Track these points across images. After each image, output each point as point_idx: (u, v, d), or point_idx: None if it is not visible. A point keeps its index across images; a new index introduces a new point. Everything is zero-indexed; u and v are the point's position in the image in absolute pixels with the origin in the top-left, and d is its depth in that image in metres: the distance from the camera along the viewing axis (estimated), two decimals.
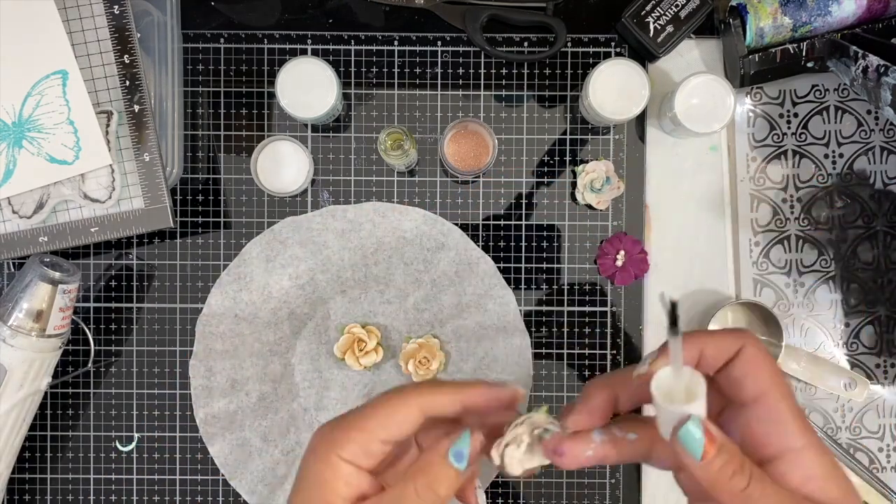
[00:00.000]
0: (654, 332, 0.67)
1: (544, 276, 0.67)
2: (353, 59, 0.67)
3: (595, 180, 0.65)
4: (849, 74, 0.59)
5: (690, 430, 0.34)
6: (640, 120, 0.67)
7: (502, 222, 0.67)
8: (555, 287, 0.67)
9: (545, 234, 0.67)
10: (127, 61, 0.61)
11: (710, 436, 0.34)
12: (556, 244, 0.67)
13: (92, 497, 0.67)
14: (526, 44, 0.66)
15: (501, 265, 0.66)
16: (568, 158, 0.67)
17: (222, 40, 0.66)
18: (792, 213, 0.67)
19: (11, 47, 0.59)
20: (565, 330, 0.67)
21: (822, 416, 0.67)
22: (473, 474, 0.38)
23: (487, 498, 0.66)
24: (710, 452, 0.34)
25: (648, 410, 0.38)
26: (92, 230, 0.61)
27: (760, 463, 0.35)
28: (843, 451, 0.65)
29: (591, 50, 0.67)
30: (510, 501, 0.67)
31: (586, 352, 0.67)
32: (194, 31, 0.66)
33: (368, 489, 0.37)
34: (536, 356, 0.67)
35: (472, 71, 0.66)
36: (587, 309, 0.67)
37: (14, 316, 0.59)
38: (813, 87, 0.67)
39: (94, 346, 0.66)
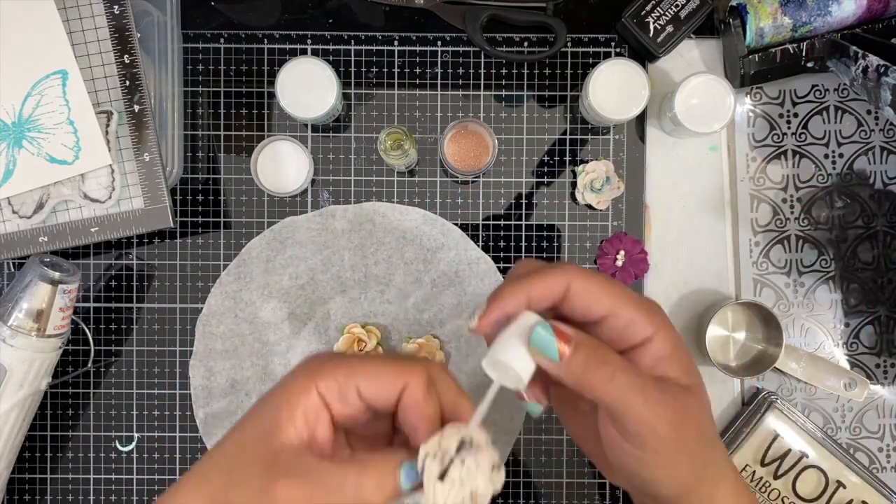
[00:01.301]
0: None
1: None
2: (353, 59, 0.67)
3: (595, 180, 0.65)
4: (849, 74, 0.59)
5: (540, 333, 0.36)
6: (640, 120, 0.67)
7: (502, 222, 0.67)
8: None
9: (545, 234, 0.67)
10: (127, 61, 0.61)
11: (563, 335, 0.36)
12: (556, 244, 0.67)
13: (92, 497, 0.67)
14: (526, 44, 0.66)
15: (501, 265, 0.66)
16: (568, 158, 0.67)
17: (222, 40, 0.66)
18: (792, 213, 0.67)
19: (11, 47, 0.59)
20: None
21: (822, 416, 0.67)
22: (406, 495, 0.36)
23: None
24: (565, 351, 0.36)
25: None
26: (92, 230, 0.61)
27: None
28: (842, 451, 0.65)
29: (591, 50, 0.67)
30: (510, 501, 0.67)
31: None
32: (194, 31, 0.66)
33: (320, 436, 0.35)
34: None
35: (472, 71, 0.66)
36: None
37: (14, 316, 0.59)
38: (813, 87, 0.67)
39: (94, 346, 0.66)
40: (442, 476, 0.33)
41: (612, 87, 0.62)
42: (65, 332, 0.62)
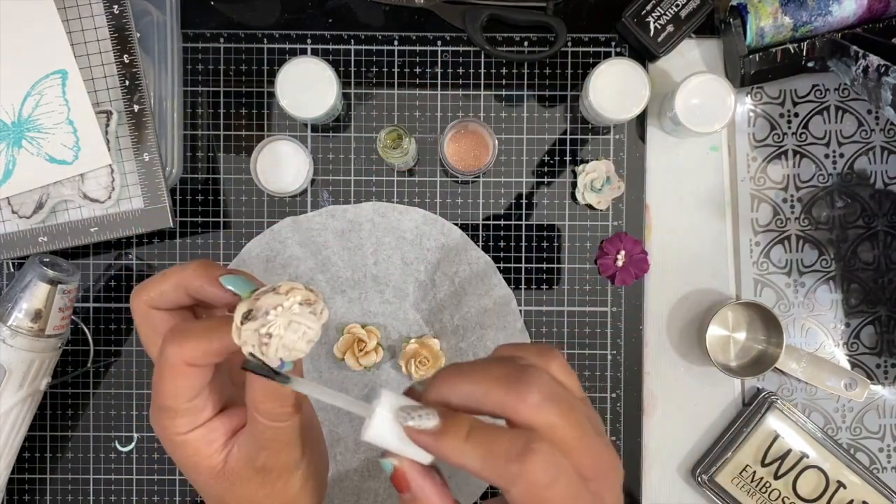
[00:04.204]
0: (654, 332, 0.67)
1: (544, 276, 0.67)
2: (353, 58, 0.66)
3: (595, 180, 0.65)
4: (849, 74, 0.59)
5: (385, 465, 0.33)
6: (641, 120, 0.67)
7: (502, 222, 0.67)
8: (555, 287, 0.67)
9: (545, 234, 0.67)
10: (126, 61, 0.61)
11: (400, 480, 0.33)
12: (556, 244, 0.67)
13: (92, 497, 0.67)
14: (526, 43, 0.66)
15: (501, 265, 0.66)
16: (568, 158, 0.67)
17: (222, 40, 0.66)
18: (792, 212, 0.67)
19: (11, 47, 0.59)
20: (565, 330, 0.67)
21: (822, 416, 0.67)
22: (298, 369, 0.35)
23: (486, 499, 0.66)
24: (403, 490, 0.33)
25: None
26: (91, 230, 0.61)
27: None
28: (843, 452, 0.65)
29: (591, 49, 0.67)
30: None
31: (586, 352, 0.67)
32: (194, 30, 0.66)
33: (227, 425, 0.36)
34: None
35: (472, 71, 0.66)
36: (587, 309, 0.67)
37: (13, 316, 0.59)
38: (813, 86, 0.67)
39: (94, 346, 0.66)
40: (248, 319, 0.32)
41: (613, 87, 0.62)
42: (64, 332, 0.61)
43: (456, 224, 0.65)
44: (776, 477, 0.65)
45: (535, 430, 0.31)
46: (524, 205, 0.67)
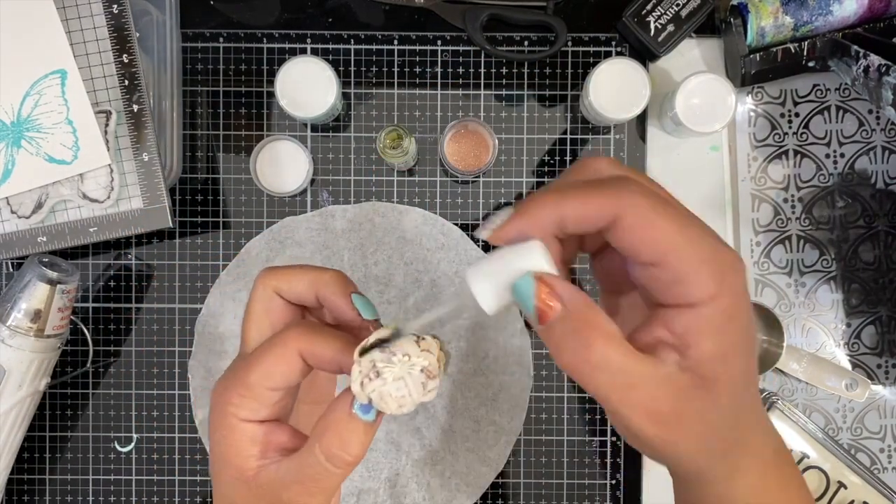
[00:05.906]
0: None
1: None
2: (352, 58, 0.66)
3: None
4: (850, 74, 0.59)
5: (521, 285, 0.31)
6: (641, 120, 0.66)
7: None
8: None
9: None
10: (126, 61, 0.61)
11: (546, 301, 0.31)
12: None
13: (91, 497, 0.67)
14: (526, 43, 0.66)
15: None
16: (568, 158, 0.67)
17: (221, 40, 0.66)
18: (793, 212, 0.67)
19: (10, 47, 0.59)
20: None
21: (823, 417, 0.67)
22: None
23: (486, 499, 0.66)
24: (543, 315, 0.31)
25: None
26: (91, 230, 0.61)
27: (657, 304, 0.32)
28: (844, 452, 0.65)
29: (591, 49, 0.67)
30: (510, 502, 0.67)
31: None
32: (193, 30, 0.66)
33: (278, 437, 0.36)
34: (536, 356, 0.66)
35: (472, 71, 0.66)
36: None
37: (13, 316, 0.58)
38: (814, 86, 0.67)
39: (93, 346, 0.66)
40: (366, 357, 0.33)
41: (613, 87, 0.62)
42: (63, 332, 0.61)
43: (456, 224, 0.65)
44: None
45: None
46: None
